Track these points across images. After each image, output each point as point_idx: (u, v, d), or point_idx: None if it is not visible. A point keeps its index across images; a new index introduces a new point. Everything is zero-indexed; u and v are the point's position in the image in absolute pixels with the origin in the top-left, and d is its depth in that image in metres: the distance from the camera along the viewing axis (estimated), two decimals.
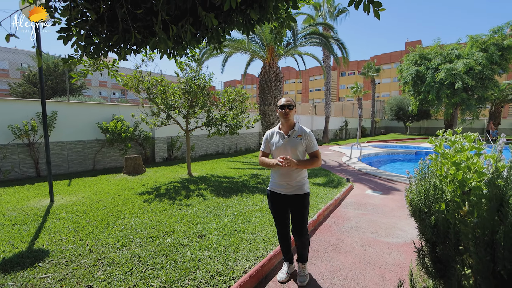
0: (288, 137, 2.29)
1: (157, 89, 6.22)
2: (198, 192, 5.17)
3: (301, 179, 2.31)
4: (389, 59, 46.54)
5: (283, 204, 2.36)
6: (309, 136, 2.29)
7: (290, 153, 2.25)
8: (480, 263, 0.78)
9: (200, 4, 1.51)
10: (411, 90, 21.66)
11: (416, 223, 1.32)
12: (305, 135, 2.28)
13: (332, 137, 22.83)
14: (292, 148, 2.25)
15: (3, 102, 6.64)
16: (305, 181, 2.35)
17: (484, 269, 0.79)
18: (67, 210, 4.07)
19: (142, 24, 1.73)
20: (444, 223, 1.10)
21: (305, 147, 2.29)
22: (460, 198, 1.29)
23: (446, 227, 1.08)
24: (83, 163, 7.97)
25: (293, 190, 2.30)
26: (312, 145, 2.29)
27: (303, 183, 2.33)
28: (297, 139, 2.27)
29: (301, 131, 2.31)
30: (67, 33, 1.85)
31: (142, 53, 2.08)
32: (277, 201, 2.37)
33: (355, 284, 2.43)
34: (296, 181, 2.29)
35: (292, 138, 2.28)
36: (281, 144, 2.29)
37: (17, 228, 3.36)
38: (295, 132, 2.29)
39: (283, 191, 2.32)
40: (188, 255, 2.64)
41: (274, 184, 2.39)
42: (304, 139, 2.27)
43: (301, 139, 2.26)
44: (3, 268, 2.39)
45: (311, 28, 11.16)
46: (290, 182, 2.28)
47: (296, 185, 2.29)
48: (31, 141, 6.90)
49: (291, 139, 2.28)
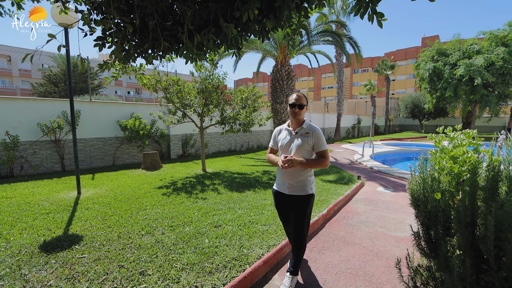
0: (296, 134, 2.22)
1: (173, 88, 6.51)
2: (213, 187, 5.42)
3: (304, 179, 2.19)
4: (405, 55, 45.37)
5: (286, 204, 2.28)
6: (317, 134, 2.16)
7: (295, 151, 2.16)
8: (461, 239, 0.92)
9: (221, 16, 1.70)
10: (428, 87, 21.13)
11: (415, 210, 1.47)
12: (312, 133, 2.17)
13: (344, 135, 22.65)
14: (298, 146, 2.15)
15: (33, 102, 7.14)
16: (308, 181, 2.22)
17: (464, 244, 0.93)
18: (94, 201, 4.41)
19: (169, 33, 1.94)
20: (435, 207, 1.25)
21: (312, 146, 2.17)
22: (455, 188, 1.43)
23: (437, 211, 1.23)
24: (104, 159, 8.42)
25: (295, 190, 2.20)
26: (320, 144, 2.16)
27: (306, 183, 2.20)
28: (304, 136, 2.17)
29: (309, 129, 2.21)
30: (102, 41, 2.10)
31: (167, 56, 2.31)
32: (280, 200, 2.31)
33: (362, 272, 2.58)
34: (298, 181, 2.18)
35: (299, 135, 2.20)
36: (287, 141, 2.22)
37: (51, 216, 3.71)
38: (303, 130, 2.21)
39: (286, 191, 2.23)
40: (206, 242, 2.87)
41: (278, 183, 2.33)
42: (312, 137, 2.16)
43: (308, 137, 2.16)
44: (45, 249, 2.71)
45: (323, 26, 11.17)
46: (291, 182, 2.19)
47: (298, 185, 2.19)
48: (57, 138, 7.38)
49: (298, 136, 2.19)
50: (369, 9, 1.40)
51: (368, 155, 11.04)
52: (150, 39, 1.91)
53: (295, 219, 2.24)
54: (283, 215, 2.37)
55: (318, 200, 4.56)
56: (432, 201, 1.31)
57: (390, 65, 26.09)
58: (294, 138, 2.21)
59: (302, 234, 2.23)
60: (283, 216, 2.37)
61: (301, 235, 2.23)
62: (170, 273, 2.30)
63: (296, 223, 2.23)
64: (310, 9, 1.70)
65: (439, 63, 19.85)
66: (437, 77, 20.33)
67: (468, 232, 0.95)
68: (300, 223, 2.22)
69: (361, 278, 2.50)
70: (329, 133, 20.58)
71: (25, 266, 2.39)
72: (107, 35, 2.07)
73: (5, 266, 2.39)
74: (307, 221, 2.26)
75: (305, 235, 2.27)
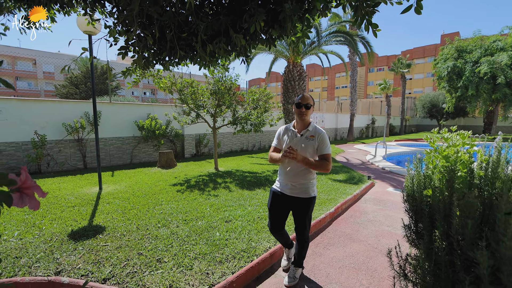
0: (301, 136, 2.20)
1: (188, 90, 6.79)
2: (225, 184, 5.63)
3: (307, 181, 2.19)
4: (423, 53, 44.01)
5: (285, 205, 2.27)
6: (322, 137, 2.16)
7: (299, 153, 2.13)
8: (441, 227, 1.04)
9: (231, 27, 1.88)
10: (446, 86, 20.47)
11: (406, 205, 1.59)
12: (317, 136, 2.17)
13: (358, 135, 22.35)
14: (302, 149, 2.16)
15: (58, 104, 7.65)
16: (311, 184, 2.22)
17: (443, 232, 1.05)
18: (114, 196, 4.72)
19: (184, 42, 2.15)
20: (421, 202, 1.37)
21: (316, 148, 2.17)
22: (445, 185, 1.54)
23: (422, 205, 1.34)
24: (122, 157, 8.85)
25: (297, 192, 2.20)
26: (324, 147, 2.15)
27: (309, 186, 2.20)
28: (309, 139, 2.16)
29: (314, 132, 2.20)
30: (125, 50, 2.34)
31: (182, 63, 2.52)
32: (279, 201, 2.28)
33: (365, 267, 2.69)
34: (302, 183, 2.18)
35: (304, 138, 2.19)
36: (292, 143, 2.21)
37: (77, 209, 4.04)
38: (308, 132, 2.19)
39: (288, 192, 2.23)
40: (217, 235, 3.07)
41: (279, 184, 2.32)
42: (316, 140, 2.15)
43: (313, 140, 2.16)
44: (73, 237, 3.00)
45: (337, 26, 11.15)
46: (295, 183, 2.18)
47: (301, 187, 2.19)
48: (80, 137, 7.86)
49: (303, 139, 2.18)
50: (365, 21, 1.53)
51: (380, 155, 10.93)
52: (168, 48, 2.12)
53: (298, 220, 2.26)
54: (276, 216, 2.31)
55: (326, 198, 4.66)
56: (419, 196, 1.43)
57: (406, 63, 25.46)
58: (299, 141, 2.19)
59: (304, 234, 2.29)
60: (276, 218, 2.31)
61: (304, 236, 2.29)
62: (184, 261, 2.51)
63: (299, 224, 2.26)
64: (312, 19, 1.85)
65: (459, 61, 19.20)
66: (457, 76, 19.67)
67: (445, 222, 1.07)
68: (303, 224, 2.25)
69: (363, 272, 2.61)
70: (342, 134, 20.40)
71: (56, 251, 2.68)
72: (129, 45, 2.31)
73: (40, 250, 2.69)
74: (309, 222, 2.29)
75: (308, 235, 2.33)
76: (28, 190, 0.75)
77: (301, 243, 2.33)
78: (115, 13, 2.31)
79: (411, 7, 1.31)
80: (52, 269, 2.38)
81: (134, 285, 2.17)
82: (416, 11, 1.31)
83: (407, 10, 1.32)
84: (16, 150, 6.95)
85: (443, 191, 1.51)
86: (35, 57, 34.86)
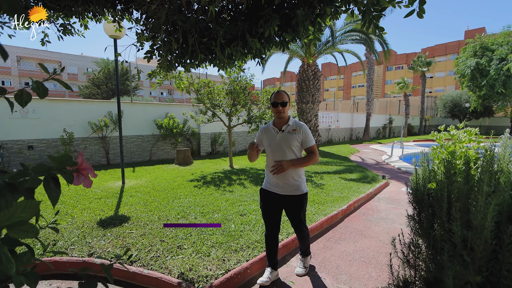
0: (282, 132, 2.17)
1: (204, 90, 7.04)
2: (239, 181, 5.82)
3: (298, 178, 2.19)
4: (444, 50, 42.26)
5: (278, 204, 2.25)
6: (304, 130, 2.15)
7: (285, 150, 2.14)
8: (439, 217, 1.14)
9: (248, 32, 2.04)
10: (470, 85, 19.62)
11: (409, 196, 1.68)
12: (300, 129, 2.15)
13: (374, 135, 21.91)
14: (287, 145, 2.12)
15: (85, 103, 8.16)
16: (302, 180, 2.23)
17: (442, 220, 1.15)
18: (136, 190, 5.03)
19: (204, 46, 2.34)
20: (422, 193, 1.46)
21: (300, 143, 2.16)
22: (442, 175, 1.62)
23: (424, 196, 1.44)
24: (142, 154, 9.28)
25: (289, 191, 2.18)
26: (308, 140, 2.16)
27: (300, 182, 2.21)
28: (291, 133, 2.14)
29: (295, 125, 2.17)
30: (150, 54, 2.56)
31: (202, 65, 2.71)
32: (271, 201, 2.24)
33: (375, 261, 2.77)
34: (294, 181, 2.17)
35: (286, 133, 2.15)
36: (275, 140, 2.17)
37: (103, 200, 4.36)
38: (289, 127, 2.17)
39: (279, 191, 2.20)
40: (232, 227, 3.25)
41: (269, 183, 2.26)
42: (299, 134, 2.14)
43: (295, 133, 2.14)
44: (102, 225, 3.28)
45: (351, 25, 11.06)
46: (287, 182, 2.17)
47: (294, 184, 2.18)
48: (104, 135, 8.34)
49: (285, 134, 2.15)
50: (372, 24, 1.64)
51: (397, 155, 10.74)
52: (189, 52, 2.31)
53: (293, 218, 2.29)
54: (270, 216, 2.28)
55: (339, 196, 4.73)
56: (423, 188, 1.52)
57: (426, 61, 24.63)
58: (282, 137, 2.16)
59: (304, 230, 2.36)
60: (270, 218, 2.28)
61: (303, 232, 2.36)
62: (202, 249, 2.70)
63: (295, 221, 2.30)
64: (323, 23, 1.97)
65: (484, 59, 18.35)
66: (480, 74, 18.81)
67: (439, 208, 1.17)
68: (299, 220, 2.28)
69: (373, 266, 2.70)
70: (358, 133, 20.09)
71: (88, 236, 2.96)
72: (155, 49, 2.53)
73: (74, 235, 2.98)
74: (304, 217, 2.32)
75: (307, 229, 2.39)
76: (84, 171, 0.94)
77: (301, 235, 2.40)
78: (141, 20, 2.54)
79: (414, 12, 1.41)
80: (85, 251, 2.65)
81: (157, 267, 2.39)
82: (418, 15, 1.41)
83: (409, 14, 1.43)
84: (47, 147, 7.50)
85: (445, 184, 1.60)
86: (60, 60, 36.74)
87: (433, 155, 1.80)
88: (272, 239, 2.31)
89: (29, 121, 7.19)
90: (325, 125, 16.73)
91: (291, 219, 2.32)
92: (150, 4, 2.07)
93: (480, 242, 0.81)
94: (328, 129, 17.05)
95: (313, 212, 3.88)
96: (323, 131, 16.35)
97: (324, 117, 16.63)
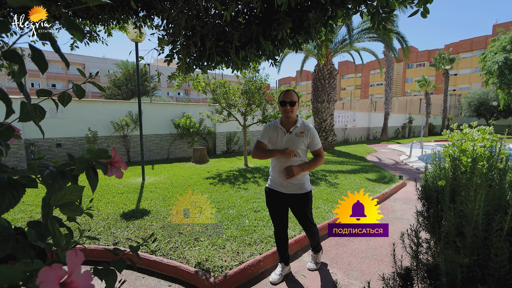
0: (290, 133, 2.15)
1: (220, 90, 7.22)
2: (254, 179, 5.93)
3: (301, 177, 2.18)
4: (470, 46, 40.17)
5: (283, 203, 2.25)
6: (312, 133, 2.14)
7: None
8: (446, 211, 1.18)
9: (261, 34, 2.14)
10: (497, 82, 18.59)
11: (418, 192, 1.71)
12: (307, 132, 2.13)
13: (393, 135, 21.31)
14: (293, 147, 2.10)
15: (107, 104, 8.60)
16: (306, 179, 2.23)
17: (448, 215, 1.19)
18: (155, 186, 5.28)
19: (221, 49, 2.46)
20: (430, 189, 1.49)
21: (307, 145, 2.16)
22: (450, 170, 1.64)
23: (431, 192, 1.47)
24: (160, 153, 9.63)
25: (294, 190, 2.19)
26: (315, 143, 2.15)
27: (304, 181, 2.21)
28: (299, 136, 2.12)
29: (303, 128, 2.16)
30: (170, 57, 2.73)
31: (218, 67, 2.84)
32: (276, 200, 2.25)
33: (388, 259, 2.78)
34: (297, 180, 2.17)
35: (293, 135, 2.13)
36: (282, 142, 2.15)
37: (125, 195, 4.62)
38: (297, 129, 2.14)
39: (283, 190, 2.20)
40: (246, 223, 3.37)
41: (273, 182, 2.26)
42: (307, 137, 2.13)
43: (303, 136, 2.12)
44: (125, 217, 3.51)
45: (369, 23, 10.85)
46: (290, 181, 2.16)
47: (298, 183, 2.18)
48: (125, 134, 8.74)
49: (293, 136, 2.13)
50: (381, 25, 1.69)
51: (416, 156, 10.43)
52: (207, 55, 2.45)
53: (299, 216, 2.30)
54: (277, 215, 2.29)
55: None
56: (431, 184, 1.55)
57: (449, 58, 23.57)
58: (289, 139, 2.14)
59: (311, 228, 2.36)
60: (277, 216, 2.30)
61: (312, 229, 2.37)
62: (217, 242, 2.84)
63: (302, 219, 2.31)
64: (335, 25, 2.03)
65: None
66: (509, 70, 17.76)
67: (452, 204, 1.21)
68: (305, 218, 2.30)
69: (385, 263, 2.71)
70: (375, 133, 19.63)
71: (113, 227, 3.18)
72: (174, 53, 2.69)
73: (100, 226, 3.22)
74: (311, 214, 2.35)
75: (315, 225, 2.39)
76: (116, 163, 1.08)
77: (310, 232, 2.41)
78: (161, 26, 2.71)
79: (418, 11, 1.45)
80: (111, 240, 2.87)
81: (176, 257, 2.55)
82: (422, 15, 1.44)
83: (413, 14, 1.46)
84: (73, 145, 7.99)
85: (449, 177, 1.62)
86: (84, 62, 38.55)
87: (444, 153, 1.82)
88: (281, 236, 2.34)
89: (57, 121, 7.69)
90: (341, 124, 16.50)
91: (297, 218, 2.34)
92: (170, 11, 2.22)
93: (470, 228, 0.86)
94: (344, 129, 16.80)
95: (326, 210, 3.92)
96: (338, 130, 16.14)
97: (340, 117, 16.41)
